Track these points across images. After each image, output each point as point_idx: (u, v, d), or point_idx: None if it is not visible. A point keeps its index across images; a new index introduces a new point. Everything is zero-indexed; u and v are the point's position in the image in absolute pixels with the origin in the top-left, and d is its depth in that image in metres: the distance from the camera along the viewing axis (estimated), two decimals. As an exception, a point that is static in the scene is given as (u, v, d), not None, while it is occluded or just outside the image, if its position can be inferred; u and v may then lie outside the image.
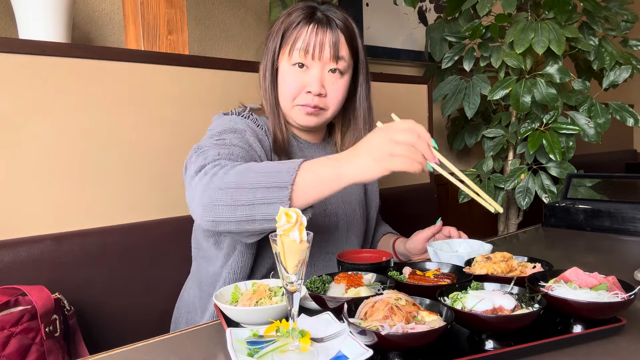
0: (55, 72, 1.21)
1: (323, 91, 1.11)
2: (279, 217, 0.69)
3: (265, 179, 0.85)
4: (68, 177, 1.24)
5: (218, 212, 0.87)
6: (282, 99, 1.14)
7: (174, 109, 1.41)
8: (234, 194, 0.86)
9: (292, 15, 1.11)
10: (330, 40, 1.09)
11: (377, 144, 0.83)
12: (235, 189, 0.86)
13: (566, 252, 1.34)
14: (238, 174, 0.88)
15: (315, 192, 0.86)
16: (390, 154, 0.82)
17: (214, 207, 0.87)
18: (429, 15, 2.65)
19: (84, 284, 1.24)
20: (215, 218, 0.88)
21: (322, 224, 1.19)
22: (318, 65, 1.10)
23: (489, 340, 0.73)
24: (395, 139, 0.82)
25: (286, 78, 1.12)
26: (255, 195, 0.85)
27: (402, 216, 1.69)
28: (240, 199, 0.85)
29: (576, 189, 1.84)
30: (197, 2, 1.87)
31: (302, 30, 1.09)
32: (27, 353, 1.00)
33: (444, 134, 2.70)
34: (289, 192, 0.84)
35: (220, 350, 0.78)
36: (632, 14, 2.16)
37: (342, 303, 0.76)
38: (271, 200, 0.84)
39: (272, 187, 0.84)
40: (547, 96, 1.93)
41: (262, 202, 0.84)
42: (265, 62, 1.15)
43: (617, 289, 0.80)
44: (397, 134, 0.83)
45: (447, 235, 1.24)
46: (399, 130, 0.83)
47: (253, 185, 0.85)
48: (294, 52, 1.09)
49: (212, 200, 0.87)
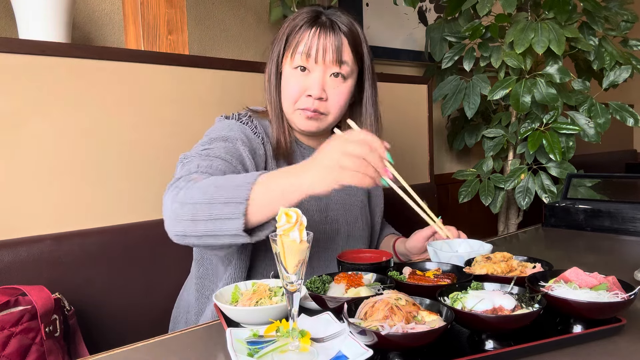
0: (55, 72, 1.21)
1: (324, 95, 1.10)
2: (279, 217, 0.69)
3: (223, 194, 0.85)
4: (68, 177, 1.24)
5: (181, 227, 0.88)
6: (285, 103, 1.13)
7: (173, 109, 1.41)
8: (193, 209, 0.86)
9: (297, 19, 1.11)
10: (333, 44, 1.08)
11: (328, 155, 0.81)
12: (195, 204, 0.86)
13: (566, 252, 1.34)
14: (200, 188, 0.88)
15: (274, 204, 0.84)
16: (340, 167, 0.79)
17: (177, 221, 0.88)
18: (429, 15, 2.65)
19: (84, 284, 1.24)
20: (179, 232, 0.88)
21: (322, 231, 1.18)
22: (320, 69, 1.09)
23: (489, 340, 0.73)
24: (346, 151, 0.79)
25: (288, 81, 1.11)
26: (212, 210, 0.84)
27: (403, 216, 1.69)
28: (199, 214, 0.85)
29: (576, 189, 1.84)
30: (197, 2, 1.87)
31: (305, 33, 1.09)
32: (27, 353, 1.00)
33: (444, 134, 2.70)
34: (245, 207, 0.83)
35: (220, 350, 0.78)
36: (632, 14, 2.16)
37: (342, 303, 0.76)
38: (227, 215, 0.83)
39: (228, 203, 0.84)
40: (547, 96, 1.93)
41: (219, 217, 0.84)
42: (270, 65, 1.15)
43: (617, 289, 0.80)
44: (348, 146, 0.80)
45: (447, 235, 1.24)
46: (351, 142, 0.80)
47: (212, 200, 0.85)
48: (296, 55, 1.09)
49: (175, 215, 0.88)
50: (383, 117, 1.24)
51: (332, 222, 1.20)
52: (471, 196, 2.18)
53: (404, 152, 2.14)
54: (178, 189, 0.91)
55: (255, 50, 2.04)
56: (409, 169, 2.18)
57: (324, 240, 1.19)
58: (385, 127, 1.25)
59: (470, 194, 2.18)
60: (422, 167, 2.24)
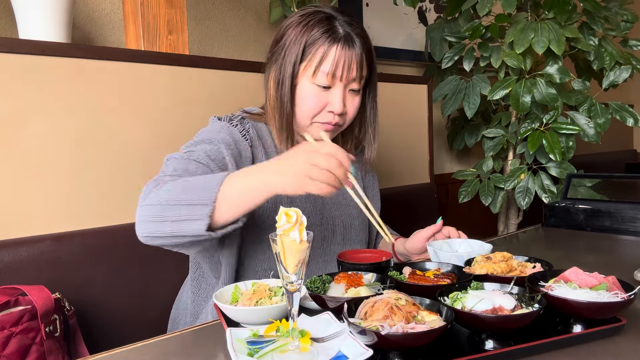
0: (55, 72, 1.21)
1: (344, 110, 1.11)
2: (279, 217, 0.69)
3: (190, 196, 0.87)
4: (68, 177, 1.24)
5: (149, 228, 0.90)
6: (301, 115, 1.11)
7: (173, 109, 1.41)
8: (161, 210, 0.88)
9: (313, 30, 1.07)
10: (355, 63, 1.08)
11: (299, 164, 0.85)
12: (163, 206, 0.89)
13: (566, 252, 1.34)
14: (168, 191, 0.90)
15: (241, 204, 0.88)
16: (309, 177, 0.83)
17: (145, 223, 0.90)
18: (429, 15, 2.65)
19: (84, 284, 1.24)
20: (147, 233, 0.90)
21: (318, 232, 1.18)
22: (341, 85, 1.09)
23: (489, 340, 0.73)
24: (316, 163, 0.84)
25: (308, 96, 1.09)
26: (179, 212, 0.87)
27: (402, 216, 1.69)
28: (167, 215, 0.88)
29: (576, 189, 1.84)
30: (197, 2, 1.87)
31: (329, 51, 1.06)
32: (27, 353, 1.00)
33: (444, 134, 2.70)
34: (210, 210, 0.85)
35: (220, 350, 0.78)
36: (632, 14, 2.16)
37: (342, 303, 0.76)
38: (193, 217, 0.86)
39: (195, 205, 0.86)
40: (547, 96, 1.93)
41: (186, 218, 0.86)
42: (282, 73, 1.09)
43: (617, 289, 0.80)
44: (318, 159, 0.84)
45: (446, 235, 1.24)
46: (321, 155, 0.85)
47: (178, 202, 0.87)
48: (318, 73, 1.07)
49: (143, 216, 0.91)
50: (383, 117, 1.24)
51: (328, 223, 1.20)
52: (471, 196, 2.18)
53: (404, 152, 2.14)
54: (148, 192, 0.93)
55: (255, 50, 2.04)
56: (409, 169, 2.18)
57: (320, 241, 1.19)
58: (385, 127, 1.26)
59: (470, 194, 2.18)
60: (422, 167, 2.24)
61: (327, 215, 1.21)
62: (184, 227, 0.87)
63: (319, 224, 1.18)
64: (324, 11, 1.11)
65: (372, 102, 1.21)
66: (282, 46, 1.10)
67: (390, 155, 2.06)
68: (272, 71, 1.12)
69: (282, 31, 1.12)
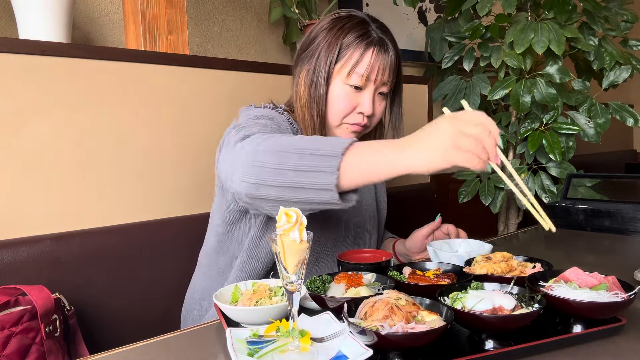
0: (55, 72, 1.21)
1: (373, 112, 1.13)
2: (279, 217, 0.69)
3: (316, 145, 0.80)
4: (68, 177, 1.24)
5: (261, 174, 0.82)
6: (332, 115, 1.13)
7: (173, 109, 1.41)
8: (281, 157, 0.81)
9: (350, 33, 1.09)
10: (387, 67, 1.11)
11: (445, 133, 0.75)
12: (283, 152, 0.81)
13: (566, 252, 1.35)
14: (288, 138, 0.85)
15: (366, 172, 0.79)
16: (456, 147, 0.74)
17: (257, 168, 0.83)
18: (429, 15, 2.65)
19: (84, 284, 1.24)
20: (258, 180, 0.82)
21: (331, 234, 1.19)
22: (372, 87, 1.11)
23: (489, 340, 0.73)
24: (465, 131, 0.75)
25: (340, 97, 1.11)
26: (302, 160, 0.79)
27: (402, 216, 1.69)
28: (287, 162, 0.80)
29: (576, 189, 1.84)
30: (197, 2, 1.87)
31: (365, 54, 1.09)
32: (27, 353, 1.00)
33: (444, 134, 2.69)
34: (339, 162, 0.77)
35: (220, 350, 0.78)
36: (632, 14, 2.16)
37: (342, 303, 0.76)
38: (319, 167, 0.78)
39: (323, 155, 0.79)
40: (547, 96, 1.93)
41: (309, 169, 0.78)
42: (316, 73, 1.10)
43: (617, 288, 0.80)
44: (467, 126, 0.75)
45: (445, 232, 1.24)
46: (470, 122, 0.76)
47: (302, 150, 0.80)
48: (353, 75, 1.09)
49: (256, 162, 0.83)
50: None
51: (342, 225, 1.21)
52: (471, 196, 2.18)
53: (404, 152, 2.14)
54: (258, 140, 0.86)
55: (255, 50, 2.04)
56: (409, 169, 2.17)
57: (332, 242, 1.19)
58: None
59: (470, 194, 2.18)
60: (422, 167, 2.24)
61: (343, 218, 1.21)
62: (309, 178, 0.78)
63: (334, 226, 1.19)
64: (357, 15, 1.13)
65: (397, 107, 1.22)
66: (316, 47, 1.12)
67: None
68: (304, 72, 1.13)
69: (314, 34, 1.13)
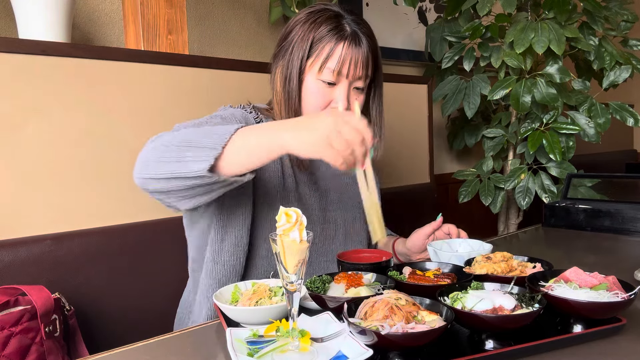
0: (55, 72, 1.21)
1: (348, 107, 1.11)
2: (279, 217, 0.69)
3: (199, 139, 0.84)
4: (68, 177, 1.24)
5: (147, 169, 0.87)
6: (306, 111, 1.13)
7: (173, 109, 1.41)
8: (164, 151, 0.86)
9: (321, 27, 1.09)
10: (361, 61, 1.09)
11: (324, 127, 0.80)
12: (167, 147, 0.86)
13: (566, 252, 1.34)
14: (175, 135, 0.88)
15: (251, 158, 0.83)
16: (328, 143, 0.79)
17: (143, 163, 0.88)
18: (429, 15, 2.65)
19: (84, 284, 1.24)
20: (144, 174, 0.87)
21: (320, 232, 1.18)
22: (346, 82, 1.10)
23: (489, 340, 0.73)
24: (340, 131, 0.80)
25: (313, 92, 1.10)
26: (184, 153, 0.83)
27: (402, 216, 1.69)
28: (170, 156, 0.84)
29: (576, 189, 1.84)
30: (197, 2, 1.87)
31: (336, 48, 1.08)
32: (27, 353, 1.00)
33: (444, 134, 2.70)
34: (218, 154, 0.81)
35: (220, 350, 0.78)
36: (632, 14, 2.16)
37: (342, 303, 0.76)
38: (198, 158, 0.82)
39: (203, 148, 0.82)
40: (547, 96, 1.93)
41: (190, 160, 0.82)
42: (289, 69, 1.10)
43: (617, 288, 0.80)
44: (345, 128, 0.80)
45: (446, 232, 1.24)
46: (349, 126, 0.81)
47: (188, 143, 0.84)
48: (324, 70, 1.08)
49: (143, 157, 0.89)
50: (383, 117, 1.24)
51: (330, 222, 1.20)
52: (471, 196, 2.18)
53: (404, 152, 2.14)
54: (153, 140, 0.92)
55: (255, 50, 2.04)
56: (409, 169, 2.18)
57: (322, 240, 1.19)
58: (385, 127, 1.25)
59: (470, 194, 2.18)
60: (422, 167, 2.24)
61: (331, 215, 1.21)
62: (185, 168, 0.82)
63: (322, 223, 1.18)
64: (332, 9, 1.12)
65: (377, 101, 1.21)
66: (290, 42, 1.11)
67: (390, 155, 2.06)
68: (279, 67, 1.13)
69: (289, 28, 1.13)
